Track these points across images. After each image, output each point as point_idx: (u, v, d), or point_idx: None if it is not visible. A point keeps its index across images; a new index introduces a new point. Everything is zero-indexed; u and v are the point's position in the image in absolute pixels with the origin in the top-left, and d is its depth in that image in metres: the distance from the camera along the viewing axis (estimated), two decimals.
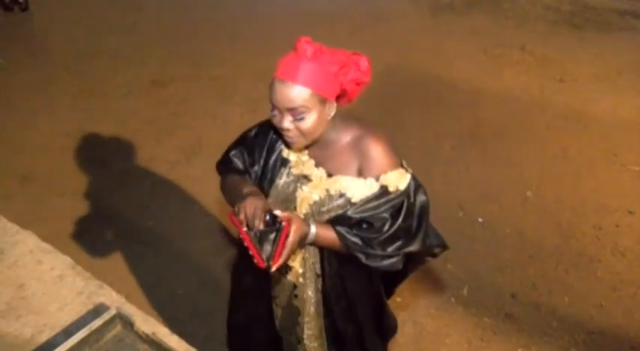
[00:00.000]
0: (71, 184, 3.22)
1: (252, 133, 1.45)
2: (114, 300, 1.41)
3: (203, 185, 3.18)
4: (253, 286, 1.59)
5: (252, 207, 1.20)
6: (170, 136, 3.73)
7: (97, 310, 1.36)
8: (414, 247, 1.31)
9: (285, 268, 1.46)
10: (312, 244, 1.32)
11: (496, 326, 2.39)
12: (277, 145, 1.40)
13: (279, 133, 1.31)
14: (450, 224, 2.92)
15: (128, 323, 1.29)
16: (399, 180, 1.26)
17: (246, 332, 1.74)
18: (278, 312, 1.61)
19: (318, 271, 1.45)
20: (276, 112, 1.22)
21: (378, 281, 1.57)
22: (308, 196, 1.32)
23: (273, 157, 1.39)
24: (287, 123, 1.21)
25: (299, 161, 1.35)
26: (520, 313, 2.45)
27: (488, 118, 3.92)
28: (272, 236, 1.18)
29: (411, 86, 4.28)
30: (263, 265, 1.18)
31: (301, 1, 6.22)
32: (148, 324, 1.30)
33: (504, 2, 6.12)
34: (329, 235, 1.29)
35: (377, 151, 1.26)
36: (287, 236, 1.19)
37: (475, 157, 3.48)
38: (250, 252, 1.18)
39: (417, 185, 1.31)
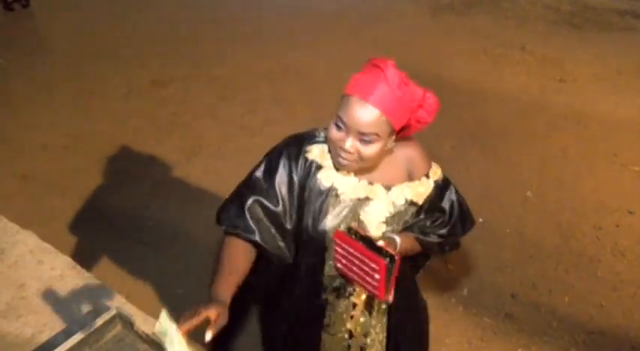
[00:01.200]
0: (71, 184, 3.22)
1: (260, 172, 1.29)
2: (114, 300, 1.41)
3: (203, 185, 3.18)
4: (304, 314, 1.48)
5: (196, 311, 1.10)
6: (170, 136, 3.73)
7: (97, 310, 1.36)
8: (471, 223, 1.47)
9: (347, 293, 1.40)
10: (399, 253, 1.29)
11: (496, 326, 2.39)
12: (310, 177, 1.28)
13: (334, 150, 1.19)
14: None
15: (128, 323, 1.29)
16: (437, 169, 1.37)
17: None
18: (327, 340, 1.49)
19: (386, 322, 1.46)
20: (342, 130, 1.14)
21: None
22: (375, 215, 1.29)
23: (314, 193, 1.27)
24: (350, 145, 1.14)
25: (349, 187, 1.27)
26: (520, 313, 2.45)
27: (489, 118, 3.92)
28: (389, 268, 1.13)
29: None
30: (383, 297, 1.14)
31: (301, 1, 6.23)
32: (148, 324, 1.30)
33: (504, 2, 6.12)
34: (410, 241, 1.34)
35: (419, 152, 1.34)
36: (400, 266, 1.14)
37: (475, 157, 3.48)
38: (377, 284, 1.12)
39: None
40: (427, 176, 1.33)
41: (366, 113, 1.11)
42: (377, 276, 1.10)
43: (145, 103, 4.15)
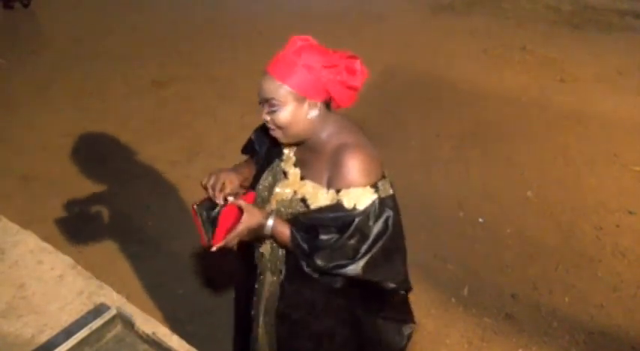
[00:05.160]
0: (71, 184, 3.22)
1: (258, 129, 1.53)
2: (114, 300, 1.40)
3: None
4: (242, 280, 1.60)
5: (215, 178, 1.32)
6: (170, 136, 3.73)
7: (98, 310, 1.36)
8: (352, 271, 1.20)
9: (258, 256, 1.47)
10: (270, 237, 1.32)
11: (496, 326, 2.39)
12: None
13: None
14: (450, 224, 2.92)
15: (128, 323, 1.29)
16: (359, 198, 1.19)
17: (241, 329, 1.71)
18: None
19: (281, 266, 1.38)
20: (260, 104, 1.28)
21: (355, 301, 1.38)
22: (280, 192, 1.35)
23: (276, 148, 1.43)
24: (264, 114, 1.26)
25: (288, 157, 1.38)
26: (520, 313, 2.45)
27: (489, 118, 3.92)
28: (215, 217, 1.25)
29: (411, 86, 4.28)
30: (204, 243, 1.25)
31: (301, 1, 6.23)
32: (149, 324, 1.30)
33: (505, 2, 6.12)
34: (283, 231, 1.27)
35: (349, 165, 1.20)
36: (233, 221, 1.24)
37: (475, 157, 3.48)
38: (197, 229, 1.25)
39: (382, 211, 1.21)
40: (337, 192, 1.21)
41: (263, 81, 1.23)
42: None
43: (145, 103, 4.15)
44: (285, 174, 1.36)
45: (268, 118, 1.26)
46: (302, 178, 1.31)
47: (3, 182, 3.24)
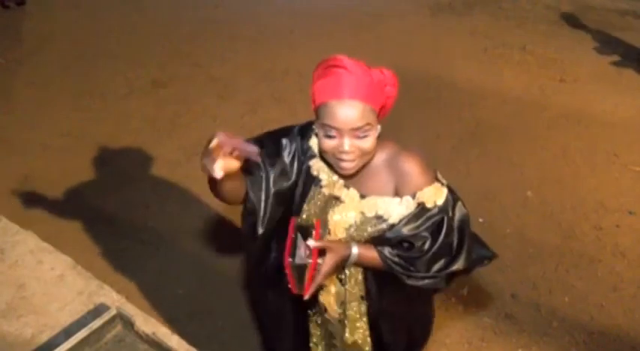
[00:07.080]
0: (71, 184, 3.22)
1: (272, 135, 1.38)
2: (114, 300, 1.41)
3: (203, 185, 3.15)
4: (293, 306, 1.51)
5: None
6: (170, 136, 3.73)
7: (98, 310, 1.36)
8: (458, 265, 1.25)
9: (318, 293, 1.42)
10: (355, 264, 1.29)
11: (496, 326, 2.39)
12: (305, 160, 1.32)
13: (333, 159, 1.20)
14: None
15: (128, 323, 1.29)
16: (436, 195, 1.22)
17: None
18: (316, 332, 1.57)
19: (362, 293, 1.40)
20: (335, 137, 1.15)
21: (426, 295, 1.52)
22: (341, 219, 1.27)
23: (303, 176, 1.32)
24: (349, 145, 1.14)
25: (330, 181, 1.29)
26: (520, 313, 2.45)
27: (489, 118, 3.91)
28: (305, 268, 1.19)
29: (411, 86, 4.27)
30: (295, 291, 1.20)
31: (301, 1, 6.22)
32: (149, 324, 1.30)
33: (505, 2, 6.11)
34: (371, 255, 1.24)
35: (412, 168, 1.22)
36: (315, 268, 1.16)
37: (475, 157, 3.48)
38: (288, 278, 1.19)
39: (454, 198, 1.26)
40: (413, 196, 1.22)
41: (350, 110, 1.12)
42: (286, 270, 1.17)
43: (145, 103, 4.15)
44: (336, 199, 1.28)
45: (353, 148, 1.14)
46: (362, 197, 1.26)
47: (3, 182, 3.24)
